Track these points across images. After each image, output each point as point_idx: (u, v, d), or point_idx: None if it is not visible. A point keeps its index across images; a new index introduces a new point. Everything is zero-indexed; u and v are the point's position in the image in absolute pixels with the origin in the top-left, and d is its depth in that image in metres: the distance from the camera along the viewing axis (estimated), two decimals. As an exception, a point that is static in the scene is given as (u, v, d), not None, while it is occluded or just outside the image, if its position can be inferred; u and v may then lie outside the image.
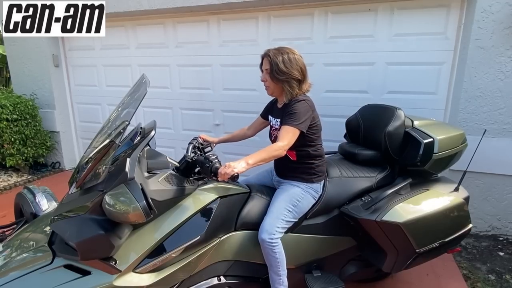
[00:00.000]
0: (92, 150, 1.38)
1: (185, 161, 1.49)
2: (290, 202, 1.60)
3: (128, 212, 1.09)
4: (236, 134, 2.07)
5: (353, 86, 3.03)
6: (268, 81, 1.64)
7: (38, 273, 1.17)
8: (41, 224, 1.57)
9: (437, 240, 1.63)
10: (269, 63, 1.60)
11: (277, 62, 1.57)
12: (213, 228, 1.41)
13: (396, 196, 1.65)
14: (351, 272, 1.82)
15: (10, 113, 3.73)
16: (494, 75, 2.50)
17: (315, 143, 1.67)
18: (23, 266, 1.22)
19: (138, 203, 1.09)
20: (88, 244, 1.11)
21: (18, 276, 1.19)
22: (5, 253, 1.39)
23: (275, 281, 1.55)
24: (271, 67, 1.59)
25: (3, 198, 3.61)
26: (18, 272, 1.20)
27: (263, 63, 1.67)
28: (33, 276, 1.17)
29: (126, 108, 1.44)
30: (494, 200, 2.71)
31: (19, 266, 1.25)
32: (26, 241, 1.45)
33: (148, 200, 1.10)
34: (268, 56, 1.61)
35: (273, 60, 1.58)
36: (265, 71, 1.64)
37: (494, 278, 2.27)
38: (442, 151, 1.71)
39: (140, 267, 1.23)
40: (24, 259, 1.28)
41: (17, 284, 1.16)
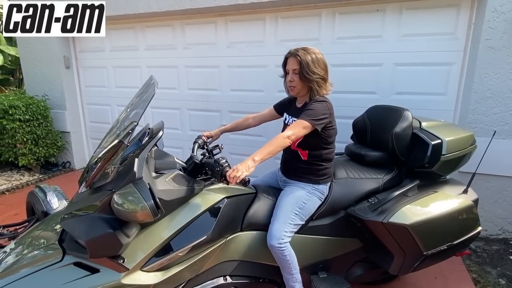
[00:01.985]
0: (102, 150, 1.40)
1: (193, 162, 1.51)
2: (296, 205, 1.60)
3: (136, 211, 1.11)
4: (240, 123, 2.03)
5: (361, 87, 3.01)
6: (295, 81, 1.61)
7: (48, 270, 1.20)
8: (52, 223, 1.61)
9: (445, 242, 1.61)
10: (298, 63, 1.58)
11: (307, 62, 1.56)
12: (219, 228, 1.43)
13: (403, 198, 1.63)
14: (357, 274, 1.81)
15: (22, 114, 3.82)
16: (505, 76, 2.45)
17: (328, 147, 1.67)
18: (34, 263, 1.25)
19: (146, 202, 1.11)
20: (97, 242, 1.14)
21: (29, 273, 1.22)
22: (17, 250, 1.43)
23: (289, 279, 1.57)
24: (300, 67, 1.57)
25: (15, 196, 3.69)
26: (29, 269, 1.23)
27: (289, 63, 1.63)
28: (44, 273, 1.20)
29: (134, 109, 1.46)
30: (505, 203, 2.66)
31: (30, 263, 1.28)
32: (37, 239, 1.48)
33: (155, 199, 1.12)
34: (296, 56, 1.58)
35: (303, 59, 1.56)
36: (293, 71, 1.61)
37: (504, 282, 2.23)
38: (451, 153, 1.68)
39: (148, 265, 1.25)
40: (35, 256, 1.31)
41: (29, 281, 1.19)
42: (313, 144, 1.61)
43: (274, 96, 3.19)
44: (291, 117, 1.75)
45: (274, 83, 3.24)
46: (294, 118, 1.70)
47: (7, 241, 2.30)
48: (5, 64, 6.90)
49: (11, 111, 3.71)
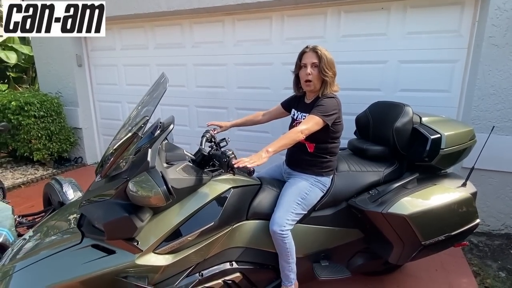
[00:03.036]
0: (116, 142, 1.50)
1: (201, 154, 1.60)
2: (299, 195, 1.68)
3: (150, 196, 1.21)
4: (250, 118, 2.12)
5: (366, 84, 3.06)
6: (313, 74, 1.67)
7: (69, 251, 1.30)
8: (68, 211, 1.71)
9: (443, 233, 1.67)
10: (317, 57, 1.65)
11: (326, 56, 1.65)
12: (226, 215, 1.51)
13: (402, 190, 1.70)
14: (358, 263, 1.88)
15: (37, 110, 3.97)
16: (508, 73, 2.48)
17: (335, 141, 1.75)
18: (54, 246, 1.36)
19: (159, 188, 1.20)
20: (114, 225, 1.24)
21: (50, 254, 1.33)
22: (36, 237, 1.53)
23: (285, 267, 1.64)
24: (320, 60, 1.65)
25: (30, 190, 3.84)
26: (50, 251, 1.34)
27: (307, 57, 1.69)
28: (64, 254, 1.30)
29: (146, 105, 1.56)
30: (507, 199, 2.69)
31: (50, 246, 1.38)
32: (56, 225, 1.58)
33: (168, 185, 1.22)
34: (316, 51, 1.66)
35: (324, 54, 1.65)
36: (312, 64, 1.67)
37: (504, 275, 2.27)
38: (450, 147, 1.74)
39: (160, 248, 1.34)
40: (55, 239, 1.42)
41: (51, 261, 1.29)
42: (321, 138, 1.69)
43: (280, 94, 3.26)
44: (300, 113, 1.83)
45: (280, 81, 3.31)
46: (303, 113, 1.78)
47: (25, 230, 2.44)
48: (19, 62, 7.10)
49: (27, 107, 3.86)
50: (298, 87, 1.85)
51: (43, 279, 1.27)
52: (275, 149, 1.48)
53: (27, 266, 1.32)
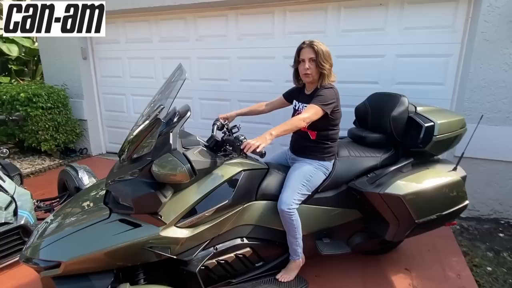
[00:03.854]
0: (136, 128, 1.64)
1: (214, 140, 1.74)
2: (304, 177, 1.82)
3: (175, 174, 1.35)
4: (254, 108, 2.26)
5: (364, 77, 3.20)
6: (311, 68, 1.81)
7: (98, 225, 1.44)
8: (87, 194, 1.83)
9: (435, 212, 1.83)
10: (314, 52, 1.78)
11: (323, 51, 1.78)
12: (238, 195, 1.66)
13: (398, 173, 1.86)
14: (357, 242, 2.04)
15: (45, 102, 4.07)
16: (498, 67, 2.63)
17: (334, 128, 1.90)
18: (84, 221, 1.50)
19: (184, 165, 1.35)
20: (142, 200, 1.38)
21: (79, 229, 1.46)
22: (58, 219, 1.63)
23: (293, 243, 1.80)
24: (317, 55, 1.78)
25: (39, 179, 3.96)
26: (77, 226, 1.47)
27: (305, 53, 1.82)
28: (95, 227, 1.44)
29: (163, 95, 1.69)
30: (496, 185, 2.86)
31: (78, 222, 1.52)
32: (78, 206, 1.71)
33: (191, 163, 1.36)
34: (312, 46, 1.79)
35: (319, 49, 1.78)
36: (310, 59, 1.80)
37: (492, 255, 2.44)
38: (442, 134, 1.89)
39: (180, 222, 1.49)
40: (82, 216, 1.55)
41: (80, 234, 1.43)
42: (322, 126, 1.83)
43: (282, 86, 3.38)
44: (301, 103, 1.97)
45: (282, 74, 3.44)
46: (304, 104, 1.92)
47: (43, 213, 2.58)
48: (20, 55, 7.14)
49: (35, 99, 3.96)
50: (298, 80, 1.99)
51: (73, 251, 1.40)
52: (278, 132, 1.62)
53: (55, 241, 1.46)
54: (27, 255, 1.49)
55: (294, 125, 1.69)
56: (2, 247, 2.13)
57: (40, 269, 1.46)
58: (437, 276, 2.17)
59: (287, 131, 1.67)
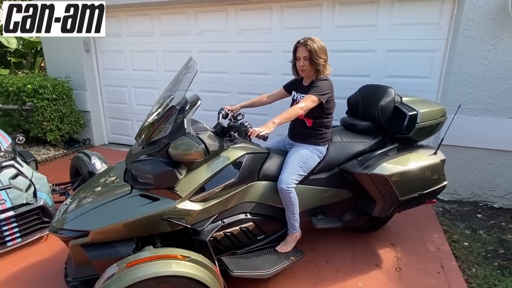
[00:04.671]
0: (150, 115, 1.83)
1: (220, 127, 1.94)
2: (301, 160, 2.04)
3: (191, 153, 1.56)
4: (256, 100, 2.44)
5: (357, 70, 3.42)
6: (306, 65, 2.01)
7: (122, 199, 1.64)
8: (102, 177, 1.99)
9: (417, 191, 2.06)
10: (307, 51, 1.98)
11: (316, 49, 1.97)
12: (242, 175, 1.87)
13: (384, 156, 2.08)
14: (348, 219, 2.27)
15: (50, 93, 4.21)
16: (479, 61, 2.86)
17: (328, 116, 2.11)
18: (107, 196, 1.69)
19: (199, 146, 1.55)
20: (161, 176, 1.58)
21: (103, 203, 1.66)
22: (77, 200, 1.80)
23: (291, 218, 2.02)
24: (310, 54, 1.98)
25: (46, 168, 4.11)
26: (104, 200, 1.67)
27: (300, 51, 2.01)
28: (118, 201, 1.64)
29: (175, 87, 1.88)
30: (476, 171, 3.11)
31: (99, 198, 1.71)
32: (98, 186, 1.90)
33: (205, 144, 1.57)
34: (306, 45, 1.97)
35: (312, 48, 1.97)
36: (303, 58, 2.00)
37: (469, 232, 2.71)
38: (424, 122, 2.12)
39: (194, 197, 1.69)
40: (106, 192, 1.75)
41: (108, 206, 1.62)
42: (317, 114, 2.04)
43: (280, 79, 3.59)
44: (299, 94, 2.17)
45: (279, 67, 3.63)
46: (302, 94, 2.12)
47: (59, 196, 2.77)
48: (18, 48, 7.19)
49: (41, 90, 4.10)
50: (296, 72, 2.19)
51: (100, 221, 1.60)
52: (279, 120, 1.84)
53: (83, 213, 1.66)
54: (56, 226, 1.69)
55: (293, 113, 1.90)
56: (24, 226, 2.33)
57: (69, 239, 1.66)
58: (419, 249, 2.42)
59: (287, 118, 1.89)
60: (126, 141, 5.00)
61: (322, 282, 2.07)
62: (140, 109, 4.72)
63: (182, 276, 1.35)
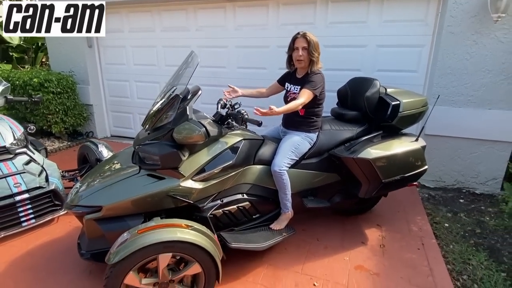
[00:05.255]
0: (156, 104, 2.01)
1: (219, 115, 2.13)
2: (293, 145, 2.23)
3: (193, 136, 1.75)
4: (256, 92, 2.63)
5: (348, 65, 3.60)
6: (304, 55, 2.17)
7: (132, 178, 1.83)
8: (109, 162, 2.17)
9: (399, 174, 2.25)
10: (307, 42, 2.15)
11: (314, 42, 2.16)
12: (239, 158, 2.05)
13: (369, 142, 2.28)
14: (336, 201, 2.46)
15: (55, 87, 4.37)
16: (461, 56, 3.05)
17: (319, 106, 2.30)
18: (118, 176, 1.88)
19: (200, 129, 1.75)
20: (167, 157, 1.78)
21: (117, 181, 1.85)
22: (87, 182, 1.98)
23: (283, 198, 2.21)
24: (309, 44, 2.15)
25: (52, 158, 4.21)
26: (114, 179, 1.86)
27: (298, 42, 2.17)
28: (128, 180, 1.82)
29: (178, 78, 2.05)
30: (459, 159, 3.32)
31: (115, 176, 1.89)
32: (106, 170, 2.08)
33: (206, 128, 1.76)
34: (305, 37, 2.15)
35: (312, 39, 2.15)
36: (302, 48, 2.16)
37: (450, 215, 2.91)
38: (406, 111, 2.31)
39: (195, 176, 1.88)
40: (116, 173, 1.94)
41: (119, 185, 1.81)
42: (309, 104, 2.22)
43: (276, 73, 3.71)
44: (292, 85, 2.35)
45: (275, 62, 3.80)
46: (295, 86, 2.30)
47: (68, 182, 2.95)
48: (20, 43, 7.32)
49: (46, 84, 4.26)
50: (290, 64, 2.36)
51: (112, 198, 1.79)
52: (280, 111, 2.03)
53: (96, 191, 1.85)
54: (71, 204, 1.88)
55: (293, 108, 2.09)
56: (38, 208, 2.51)
57: (83, 214, 1.84)
58: (403, 229, 2.62)
59: (288, 110, 2.09)
60: (128, 133, 5.17)
61: (312, 257, 2.28)
62: (141, 102, 4.89)
63: (186, 242, 1.54)
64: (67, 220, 2.68)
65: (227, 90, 2.47)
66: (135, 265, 1.51)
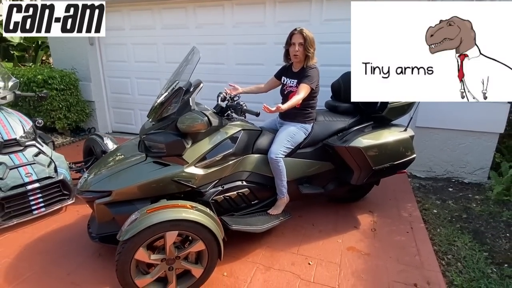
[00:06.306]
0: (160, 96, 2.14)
1: (220, 107, 2.27)
2: (288, 135, 2.37)
3: (196, 125, 1.89)
4: (254, 88, 2.76)
5: (342, 60, 3.68)
6: (300, 51, 2.29)
7: (139, 165, 1.97)
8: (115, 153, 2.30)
9: (388, 162, 2.40)
10: (303, 38, 2.27)
11: (310, 38, 2.29)
12: (239, 147, 2.20)
13: (361, 132, 2.42)
14: (330, 188, 2.61)
15: (58, 84, 4.49)
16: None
17: (314, 99, 2.45)
18: (126, 163, 2.02)
19: (202, 118, 1.89)
20: (172, 144, 1.92)
21: (125, 167, 1.99)
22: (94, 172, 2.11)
23: (279, 184, 2.35)
24: (305, 40, 2.28)
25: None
26: (124, 165, 2.00)
27: (295, 38, 2.29)
28: (136, 167, 1.97)
29: (181, 72, 2.19)
30: (448, 150, 3.47)
31: (123, 164, 2.03)
32: (113, 160, 2.22)
33: (208, 117, 1.90)
34: (302, 33, 2.27)
35: (308, 35, 2.29)
36: (299, 43, 2.28)
37: (439, 202, 3.07)
38: (395, 103, 2.45)
39: (198, 163, 2.03)
40: (124, 161, 2.07)
41: (128, 171, 1.95)
42: (305, 97, 2.36)
43: (273, 69, 3.83)
44: (289, 79, 2.48)
45: (272, 58, 3.94)
46: (292, 79, 2.44)
47: (75, 173, 3.09)
48: (21, 42, 7.42)
49: (50, 81, 4.38)
50: (287, 58, 2.50)
51: (121, 183, 1.93)
52: (285, 107, 2.16)
53: (106, 177, 1.99)
54: (82, 189, 2.02)
55: (296, 102, 2.23)
56: (48, 197, 2.65)
57: (93, 199, 1.98)
58: (393, 215, 2.78)
59: (292, 106, 2.21)
60: (129, 129, 5.30)
61: (307, 240, 2.43)
62: (142, 99, 5.02)
63: (190, 221, 1.69)
64: (75, 209, 2.82)
65: (228, 88, 2.60)
66: (144, 241, 1.65)
